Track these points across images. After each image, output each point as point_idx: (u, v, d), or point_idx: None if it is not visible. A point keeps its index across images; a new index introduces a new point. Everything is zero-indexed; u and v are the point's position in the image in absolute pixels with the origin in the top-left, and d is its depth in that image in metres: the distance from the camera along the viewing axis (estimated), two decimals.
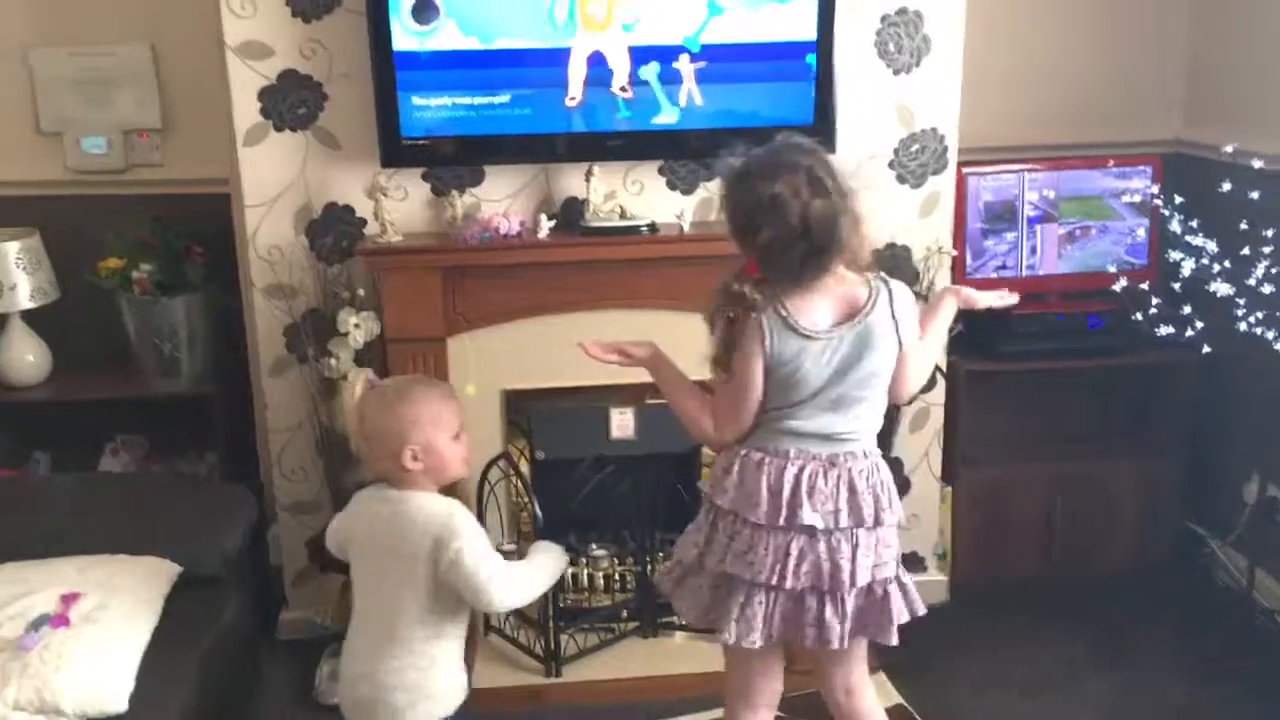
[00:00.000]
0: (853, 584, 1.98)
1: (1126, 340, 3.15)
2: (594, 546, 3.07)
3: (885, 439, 3.00)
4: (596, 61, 2.72)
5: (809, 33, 2.74)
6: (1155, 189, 3.13)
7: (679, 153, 2.86)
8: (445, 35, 2.68)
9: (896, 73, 2.94)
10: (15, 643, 2.08)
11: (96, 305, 3.13)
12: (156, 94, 3.23)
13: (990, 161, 3.22)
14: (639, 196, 2.92)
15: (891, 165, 3.00)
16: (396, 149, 2.75)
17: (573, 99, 2.74)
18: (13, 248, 3.06)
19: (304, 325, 2.92)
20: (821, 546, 1.96)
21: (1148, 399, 3.42)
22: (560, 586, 2.90)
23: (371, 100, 2.73)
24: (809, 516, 1.94)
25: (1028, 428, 3.46)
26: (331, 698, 2.84)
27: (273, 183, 2.87)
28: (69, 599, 2.20)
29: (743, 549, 1.97)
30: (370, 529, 2.07)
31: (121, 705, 2.05)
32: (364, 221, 2.89)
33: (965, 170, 3.16)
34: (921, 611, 2.10)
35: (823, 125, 2.78)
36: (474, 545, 2.00)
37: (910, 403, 2.45)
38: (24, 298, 3.08)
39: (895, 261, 3.00)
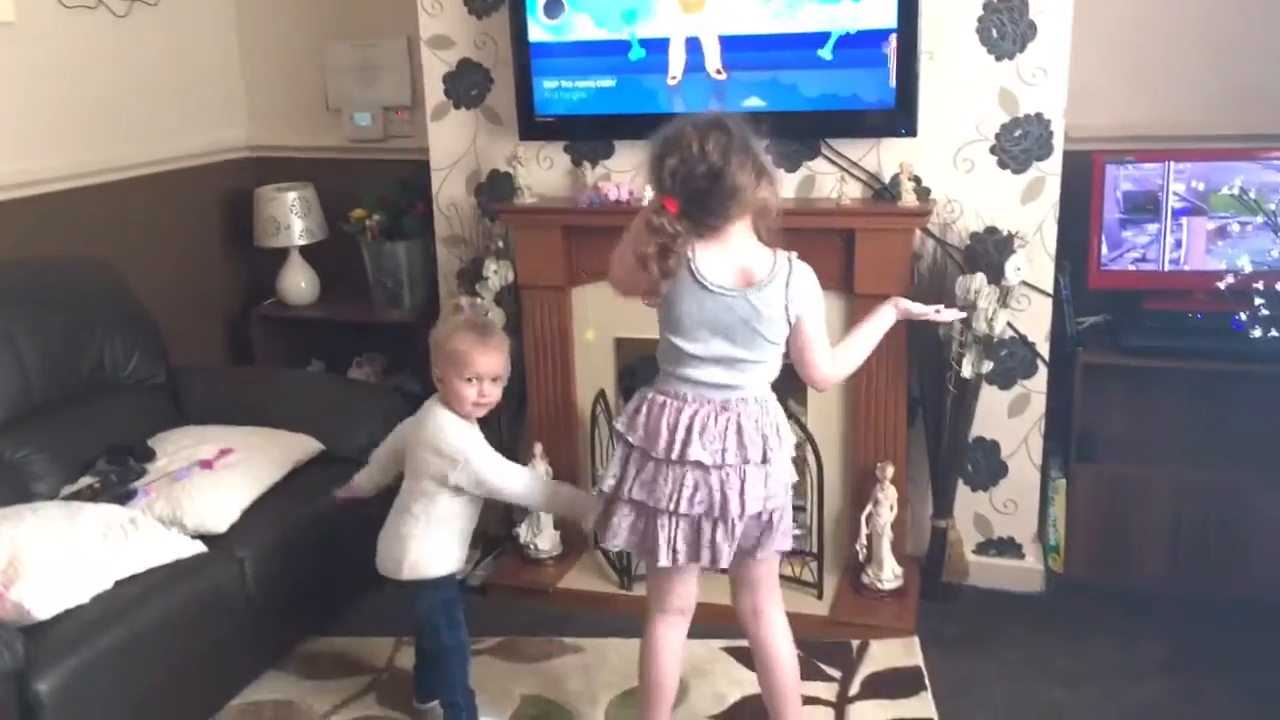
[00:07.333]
0: (743, 513, 2.22)
1: (1274, 345, 2.92)
2: None
3: (963, 418, 3.08)
4: (693, 48, 3.05)
5: (889, 21, 2.88)
6: None
7: (769, 132, 3.09)
8: (572, 28, 3.14)
9: (999, 58, 2.97)
10: (173, 475, 2.87)
11: (351, 246, 3.94)
12: (409, 78, 3.98)
13: (1134, 151, 3.11)
14: None
15: (992, 150, 3.03)
16: (531, 125, 3.26)
17: (673, 78, 3.09)
18: (290, 195, 3.94)
19: (467, 270, 3.52)
20: (714, 479, 2.22)
21: None
22: None
23: None
24: (697, 453, 2.20)
25: (1155, 428, 3.30)
26: None
27: (452, 151, 3.50)
28: (224, 452, 2.96)
29: (648, 479, 2.26)
30: (412, 427, 2.60)
31: (221, 528, 2.75)
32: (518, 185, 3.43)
33: (1104, 159, 3.10)
34: (789, 546, 2.34)
35: (904, 109, 2.93)
36: (457, 438, 2.50)
37: (822, 390, 2.71)
38: (297, 235, 3.96)
39: (992, 247, 3.03)
